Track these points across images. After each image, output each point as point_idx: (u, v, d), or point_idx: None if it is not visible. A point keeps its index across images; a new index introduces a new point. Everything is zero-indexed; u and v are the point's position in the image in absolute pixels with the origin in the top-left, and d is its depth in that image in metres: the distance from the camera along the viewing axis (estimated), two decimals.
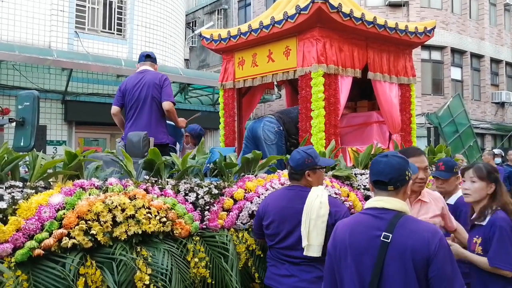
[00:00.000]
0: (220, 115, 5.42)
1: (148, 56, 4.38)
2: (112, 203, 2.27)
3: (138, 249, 2.29)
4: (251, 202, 2.90)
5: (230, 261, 2.58)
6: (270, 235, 2.66)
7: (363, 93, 5.74)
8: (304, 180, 2.68)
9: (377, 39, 4.84)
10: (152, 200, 2.46)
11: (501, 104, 19.53)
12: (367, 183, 3.72)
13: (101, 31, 11.51)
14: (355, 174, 3.75)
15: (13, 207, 2.08)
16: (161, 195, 2.58)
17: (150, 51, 4.63)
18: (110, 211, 2.26)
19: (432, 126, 14.33)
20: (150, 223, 2.37)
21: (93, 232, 2.18)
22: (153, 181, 2.68)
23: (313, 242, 2.47)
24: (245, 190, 2.96)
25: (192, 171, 2.98)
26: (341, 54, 4.52)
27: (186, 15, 18.98)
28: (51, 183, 2.52)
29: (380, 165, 1.97)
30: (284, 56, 4.64)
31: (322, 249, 2.44)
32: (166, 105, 4.09)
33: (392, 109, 4.98)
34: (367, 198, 3.52)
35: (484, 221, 2.58)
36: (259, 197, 2.94)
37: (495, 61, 19.79)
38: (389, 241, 1.85)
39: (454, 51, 17.93)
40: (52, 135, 10.44)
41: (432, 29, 5.24)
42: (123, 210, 2.30)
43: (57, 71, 10.44)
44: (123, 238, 2.26)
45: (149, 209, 2.41)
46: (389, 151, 2.20)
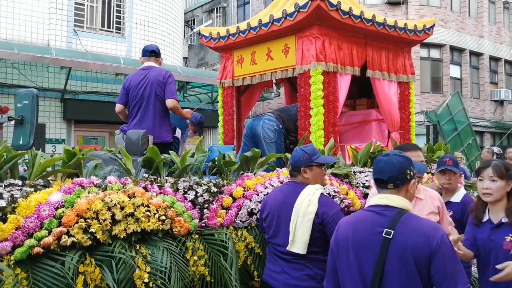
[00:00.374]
0: (219, 113, 5.41)
1: (152, 51, 4.32)
2: (111, 201, 2.28)
3: (137, 247, 2.29)
4: (250, 200, 2.92)
5: (229, 259, 2.58)
6: (266, 228, 2.74)
7: (362, 91, 5.74)
8: (301, 177, 2.74)
9: (376, 37, 4.84)
10: (151, 198, 2.46)
11: (500, 102, 19.54)
12: (366, 181, 3.73)
13: (100, 30, 11.49)
14: (354, 172, 3.76)
15: (12, 205, 2.09)
16: (160, 193, 2.59)
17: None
18: (109, 209, 2.27)
19: (431, 124, 14.36)
20: (149, 221, 2.37)
21: (92, 230, 2.19)
22: (152, 179, 2.69)
23: (298, 239, 2.50)
24: (244, 188, 2.97)
25: (191, 169, 2.98)
26: (340, 52, 4.51)
27: (185, 13, 19.00)
28: (50, 181, 2.53)
29: (380, 164, 2.01)
30: (283, 54, 4.63)
31: (308, 247, 2.47)
32: (170, 103, 4.06)
33: (391, 107, 4.97)
34: (366, 196, 3.53)
35: None
36: (258, 195, 2.95)
37: (494, 59, 19.78)
38: (390, 237, 1.86)
39: (453, 49, 17.92)
40: (51, 133, 10.43)
41: (431, 27, 5.23)
42: (122, 208, 2.30)
43: (56, 69, 10.43)
44: (122, 236, 2.27)
45: (148, 207, 2.41)
46: (392, 150, 2.21)
